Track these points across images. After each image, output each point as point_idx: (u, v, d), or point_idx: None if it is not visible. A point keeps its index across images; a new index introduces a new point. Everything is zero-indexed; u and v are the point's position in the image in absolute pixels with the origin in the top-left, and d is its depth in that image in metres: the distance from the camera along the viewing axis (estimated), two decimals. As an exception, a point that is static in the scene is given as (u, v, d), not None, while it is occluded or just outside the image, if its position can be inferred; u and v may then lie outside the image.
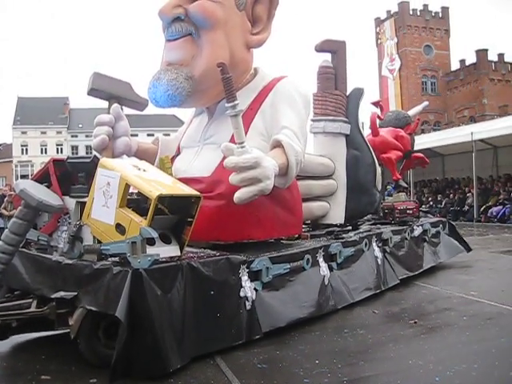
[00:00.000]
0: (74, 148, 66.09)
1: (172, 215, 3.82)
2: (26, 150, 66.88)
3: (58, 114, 67.66)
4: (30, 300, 3.97)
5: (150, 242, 3.53)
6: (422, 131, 36.75)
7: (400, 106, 44.31)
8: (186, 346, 3.59)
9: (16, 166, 65.81)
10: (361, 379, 3.39)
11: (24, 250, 4.28)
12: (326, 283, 5.08)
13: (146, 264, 3.36)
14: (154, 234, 3.37)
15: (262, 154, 4.03)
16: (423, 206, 13.96)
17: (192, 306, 3.67)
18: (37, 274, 4.07)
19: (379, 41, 55.39)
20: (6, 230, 3.98)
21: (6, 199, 13.53)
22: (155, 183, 3.63)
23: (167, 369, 3.37)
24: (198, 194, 3.80)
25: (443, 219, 8.89)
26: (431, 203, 23.56)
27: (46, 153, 64.46)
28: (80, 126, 65.21)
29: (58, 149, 66.35)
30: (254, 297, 4.18)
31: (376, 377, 3.42)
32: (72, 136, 67.46)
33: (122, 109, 5.13)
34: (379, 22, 55.71)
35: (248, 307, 4.10)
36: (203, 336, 3.73)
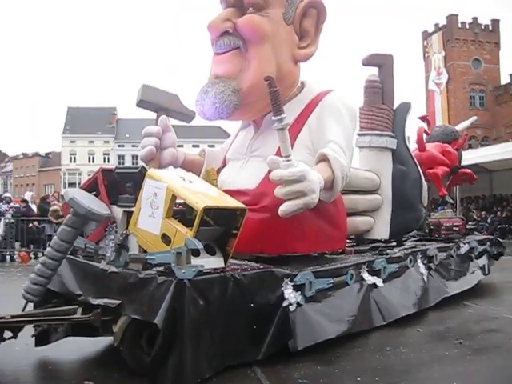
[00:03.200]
0: (121, 157, 67.24)
1: (217, 227, 3.85)
2: (75, 158, 68.36)
3: (105, 124, 69.01)
4: (76, 306, 4.05)
5: (195, 253, 3.55)
6: (470, 146, 36.10)
7: (447, 121, 43.57)
8: (222, 356, 3.62)
9: (64, 173, 67.35)
10: (403, 399, 3.34)
11: (71, 256, 4.38)
12: (370, 299, 5.03)
13: (190, 274, 3.39)
14: (199, 246, 3.40)
15: (308, 168, 4.03)
16: (470, 223, 13.64)
17: (231, 318, 3.68)
18: (83, 280, 4.15)
19: (426, 54, 54.71)
20: (55, 237, 4.07)
21: (51, 208, 13.77)
22: (201, 195, 3.67)
23: (199, 377, 3.42)
24: (244, 206, 3.82)
25: (491, 237, 8.71)
26: (478, 220, 23.08)
27: (93, 161, 65.79)
28: (127, 135, 66.31)
29: (105, 158, 67.63)
30: (296, 310, 4.16)
31: (419, 398, 3.36)
32: (119, 146, 68.63)
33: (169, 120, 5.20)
34: (427, 36, 55.07)
35: (288, 320, 4.08)
36: (240, 347, 3.75)
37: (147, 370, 3.44)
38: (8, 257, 13.59)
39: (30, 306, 4.22)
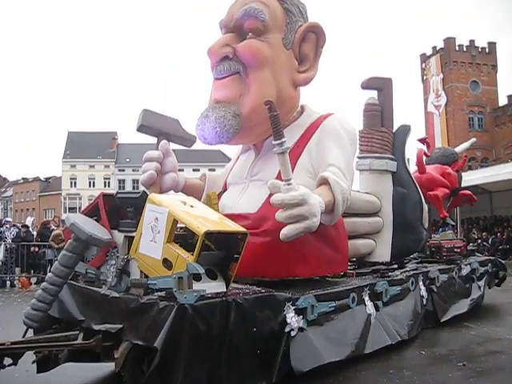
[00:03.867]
0: (121, 182, 67.43)
1: (218, 251, 3.84)
2: (75, 183, 68.52)
3: (106, 149, 69.33)
4: (77, 332, 4.03)
5: (197, 277, 3.54)
6: (469, 168, 36.16)
7: (446, 143, 43.80)
8: (227, 382, 3.57)
9: (65, 198, 67.44)
10: (409, 424, 3.31)
11: (72, 282, 4.37)
12: (372, 322, 5.01)
13: (192, 299, 3.37)
14: (201, 270, 3.39)
15: (309, 192, 4.03)
16: (471, 244, 13.61)
17: (233, 343, 3.65)
18: (84, 306, 4.14)
19: (425, 77, 55.10)
20: (56, 262, 4.06)
21: (53, 233, 13.77)
22: (202, 219, 3.67)
23: None
24: (245, 230, 3.81)
25: (492, 258, 8.69)
26: (479, 241, 23.05)
27: (93, 186, 65.94)
28: (127, 160, 66.54)
29: (105, 182, 67.79)
30: (298, 334, 4.14)
31: (425, 422, 3.33)
32: (119, 170, 68.84)
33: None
34: (425, 58, 55.55)
35: (293, 334, 4.08)
36: (242, 373, 3.71)
37: None
38: (8, 282, 13.56)
39: (31, 332, 4.21)
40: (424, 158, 8.68)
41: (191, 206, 3.89)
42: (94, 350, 3.80)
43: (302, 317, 4.21)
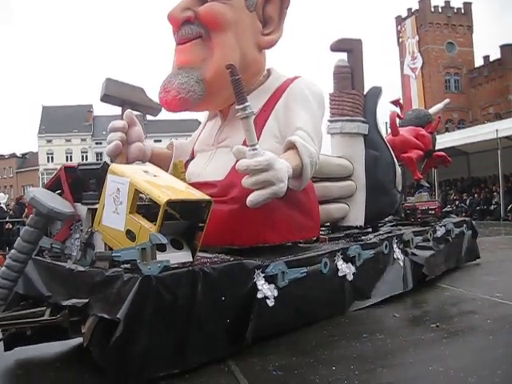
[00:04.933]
0: (99, 155, 66.71)
1: (183, 220, 3.76)
2: (52, 158, 67.78)
3: (82, 122, 68.52)
4: (44, 308, 3.95)
5: (161, 248, 3.47)
6: (446, 130, 36.30)
7: (423, 105, 43.80)
8: (195, 352, 3.55)
9: (42, 174, 66.68)
10: (378, 386, 3.29)
11: (38, 257, 4.27)
12: (345, 286, 5.00)
13: (155, 270, 3.31)
14: (164, 240, 3.32)
15: (275, 156, 3.95)
16: (448, 206, 13.71)
17: (201, 312, 3.61)
18: (50, 281, 4.04)
19: (400, 39, 54.85)
20: (19, 238, 3.97)
21: (26, 209, 13.59)
22: (165, 188, 3.58)
23: (162, 371, 3.39)
24: (209, 198, 3.74)
25: (467, 219, 8.73)
26: (457, 203, 23.24)
27: (71, 160, 65.16)
28: (104, 133, 65.33)
29: (83, 156, 67.13)
30: (275, 294, 4.12)
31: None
32: (96, 143, 68.16)
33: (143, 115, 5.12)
34: (400, 21, 55.23)
35: (270, 304, 4.07)
36: (212, 342, 3.68)
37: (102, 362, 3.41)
38: (-17, 260, 13.38)
39: None
40: (397, 120, 8.63)
41: (154, 176, 3.80)
42: (61, 325, 3.74)
43: (273, 284, 4.17)
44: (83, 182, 4.13)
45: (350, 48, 6.76)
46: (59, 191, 4.20)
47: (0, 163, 75.64)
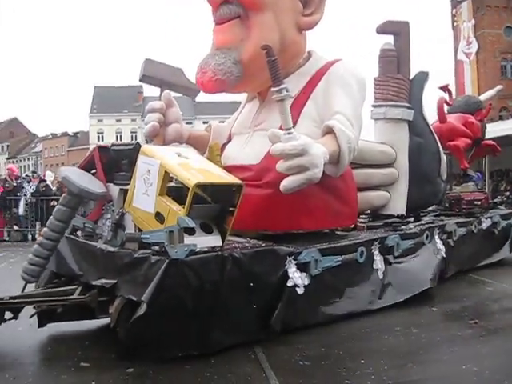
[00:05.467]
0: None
1: (213, 204, 3.70)
2: (102, 137, 68.66)
3: (132, 102, 69.17)
4: (75, 287, 3.97)
5: (190, 231, 3.43)
6: (500, 118, 35.19)
7: (477, 92, 42.39)
8: (216, 337, 3.53)
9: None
10: (406, 383, 3.16)
11: (71, 236, 4.29)
12: (381, 277, 4.86)
13: (182, 254, 3.26)
14: (191, 224, 3.26)
15: (311, 141, 3.84)
16: (498, 197, 13.29)
17: (228, 297, 3.57)
18: (82, 260, 4.07)
19: (455, 23, 53.20)
20: (51, 217, 3.98)
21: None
22: (196, 171, 3.52)
23: (182, 352, 3.40)
24: (240, 182, 3.66)
25: (515, 211, 8.40)
26: (507, 194, 22.55)
27: (121, 139, 65.95)
28: (153, 113, 66.40)
29: (132, 136, 67.78)
30: (305, 283, 4.02)
31: (424, 381, 3.17)
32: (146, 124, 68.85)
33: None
34: (455, 4, 53.45)
35: (300, 292, 3.97)
36: (238, 327, 3.65)
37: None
38: (30, 236, 13.68)
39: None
40: (446, 106, 8.35)
41: (186, 158, 3.73)
42: (89, 305, 3.75)
43: (305, 272, 4.08)
44: (116, 163, 4.11)
45: (397, 31, 6.52)
46: (94, 171, 4.20)
47: (53, 142, 77.27)
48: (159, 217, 3.47)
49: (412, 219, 6.39)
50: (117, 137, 67.65)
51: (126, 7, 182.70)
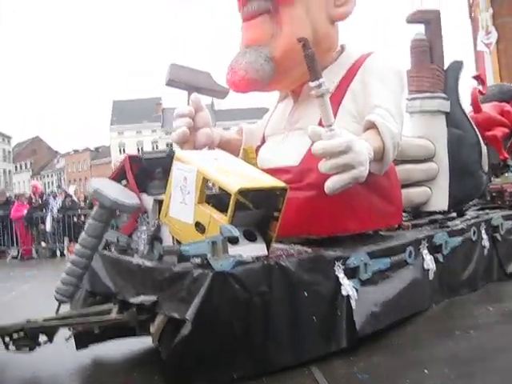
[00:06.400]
0: (169, 145, 67.55)
1: (256, 210, 3.46)
2: (124, 149, 69.06)
3: (151, 114, 69.57)
4: (111, 305, 3.77)
5: (233, 240, 3.19)
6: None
7: (499, 82, 41.97)
8: (272, 355, 3.26)
9: (115, 165, 68.15)
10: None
11: (104, 252, 4.09)
12: (431, 278, 4.59)
13: (228, 266, 3.02)
14: (236, 232, 3.02)
15: (354, 137, 3.60)
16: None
17: (282, 311, 3.30)
18: (117, 277, 3.87)
19: (473, 13, 52.50)
20: (83, 233, 3.77)
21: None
22: (236, 176, 3.29)
23: (236, 374, 3.12)
24: (284, 185, 3.41)
25: None
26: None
27: (142, 151, 66.33)
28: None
29: (153, 146, 67.95)
30: (353, 296, 3.74)
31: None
32: (166, 134, 68.97)
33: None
34: (472, -6, 53.02)
35: (346, 308, 3.68)
36: (297, 343, 3.36)
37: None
38: (58, 252, 13.62)
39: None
40: (479, 96, 8.03)
41: (224, 162, 3.51)
42: (129, 324, 3.54)
43: (354, 277, 3.83)
44: (149, 172, 3.91)
45: (428, 19, 6.26)
46: (125, 182, 4.00)
47: (75, 157, 78.11)
48: (199, 227, 3.25)
49: (455, 215, 6.10)
50: (138, 148, 67.94)
51: (139, 19, 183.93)
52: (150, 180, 3.87)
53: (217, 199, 3.45)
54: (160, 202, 3.63)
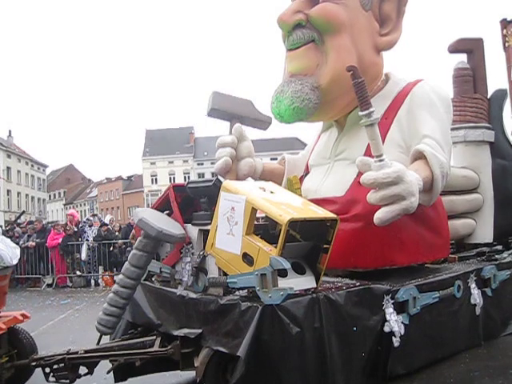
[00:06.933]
0: (201, 175, 67.80)
1: (305, 242, 3.37)
2: (156, 179, 69.66)
3: (183, 144, 70.12)
4: (154, 337, 3.69)
5: (282, 273, 3.09)
6: None
7: (534, 113, 41.35)
8: None
9: (147, 195, 68.66)
10: None
11: (147, 282, 4.04)
12: (478, 313, 4.43)
13: (278, 299, 2.93)
14: (286, 265, 2.93)
15: (404, 168, 3.50)
16: None
17: (333, 346, 3.18)
18: (160, 309, 3.81)
19: (507, 44, 52.19)
20: (126, 263, 3.72)
21: (132, 231, 13.75)
22: (285, 206, 3.21)
23: None
24: (334, 216, 3.32)
25: None
26: None
27: (174, 181, 66.70)
28: (205, 153, 66.96)
29: (185, 177, 68.43)
30: (402, 332, 3.61)
31: None
32: (198, 164, 69.44)
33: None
34: (505, 24, 52.37)
35: (396, 344, 3.55)
36: (349, 380, 3.23)
37: None
38: (92, 281, 13.66)
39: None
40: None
41: (271, 192, 3.44)
42: (171, 357, 3.45)
43: (403, 312, 3.71)
44: (193, 202, 3.86)
45: (471, 48, 6.19)
46: (167, 212, 3.95)
47: (108, 186, 78.89)
48: (247, 258, 3.16)
49: (501, 247, 5.93)
50: (170, 178, 68.45)
51: (175, 48, 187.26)
52: (194, 209, 3.81)
53: (264, 230, 3.38)
54: (205, 233, 3.56)
